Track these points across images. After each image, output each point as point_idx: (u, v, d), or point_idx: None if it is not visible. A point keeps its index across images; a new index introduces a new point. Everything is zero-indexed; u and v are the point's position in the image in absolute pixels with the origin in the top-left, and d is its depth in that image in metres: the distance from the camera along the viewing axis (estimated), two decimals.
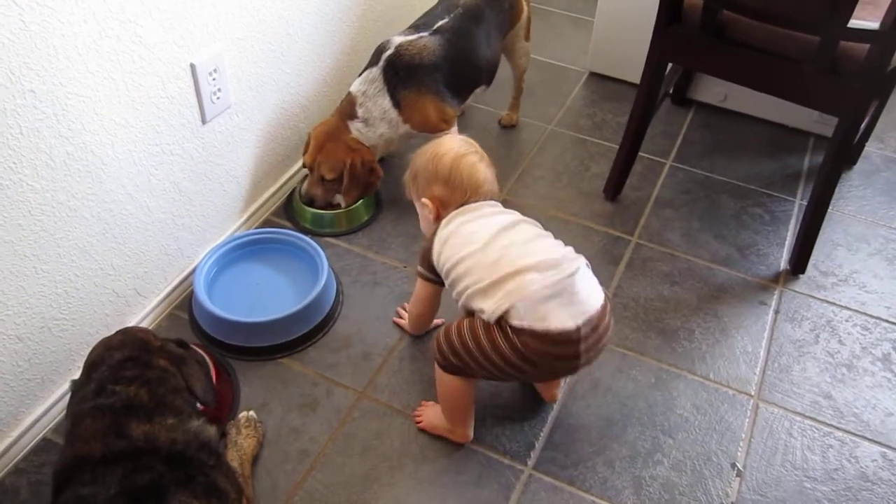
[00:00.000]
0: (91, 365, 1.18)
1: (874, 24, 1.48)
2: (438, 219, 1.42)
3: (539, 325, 1.23)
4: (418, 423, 1.50)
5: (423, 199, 1.43)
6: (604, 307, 1.29)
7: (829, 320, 1.75)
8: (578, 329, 1.24)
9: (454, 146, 1.43)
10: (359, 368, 1.60)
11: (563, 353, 1.25)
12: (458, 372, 1.35)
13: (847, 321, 1.75)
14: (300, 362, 1.61)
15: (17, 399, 1.39)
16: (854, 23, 1.47)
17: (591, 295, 1.28)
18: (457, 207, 1.41)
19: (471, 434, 1.47)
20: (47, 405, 1.45)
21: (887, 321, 1.75)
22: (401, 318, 1.68)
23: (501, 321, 1.26)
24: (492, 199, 1.44)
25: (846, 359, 1.66)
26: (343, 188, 1.86)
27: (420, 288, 1.50)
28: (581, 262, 1.32)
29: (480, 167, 1.42)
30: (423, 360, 1.62)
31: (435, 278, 1.43)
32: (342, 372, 1.59)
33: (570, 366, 1.30)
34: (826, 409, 1.57)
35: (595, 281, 1.33)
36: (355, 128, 1.83)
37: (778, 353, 1.67)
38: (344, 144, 1.82)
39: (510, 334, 1.25)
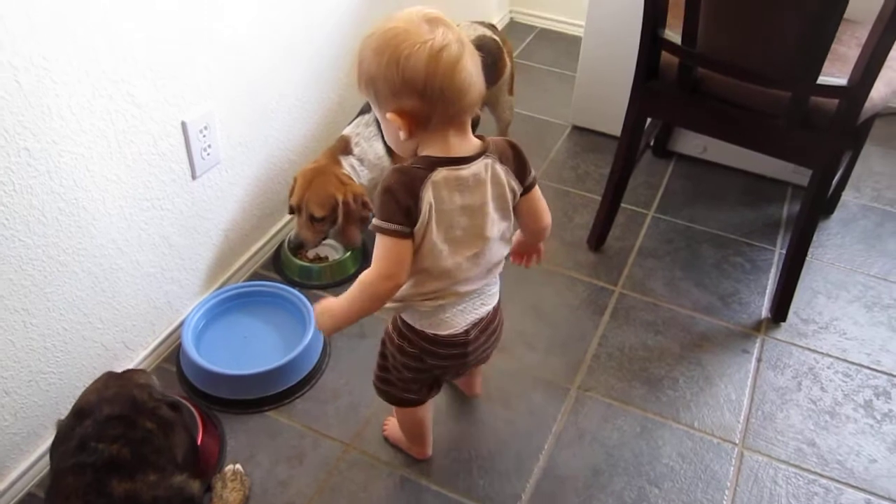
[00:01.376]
0: (79, 411, 1.17)
1: (842, 80, 1.53)
2: (413, 137, 1.10)
3: (429, 331, 1.24)
4: (384, 431, 1.57)
5: (389, 115, 1.08)
6: (495, 309, 1.30)
7: (810, 367, 1.77)
8: (467, 332, 1.25)
9: (420, 36, 1.02)
10: (346, 420, 1.60)
11: (452, 352, 1.27)
12: (389, 394, 1.39)
13: (829, 368, 1.77)
14: (287, 414, 1.61)
15: (2, 453, 1.39)
16: (823, 79, 1.52)
17: (485, 304, 1.26)
18: (443, 124, 1.08)
19: (429, 452, 1.53)
20: (32, 459, 1.44)
21: (868, 368, 1.77)
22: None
23: (396, 320, 1.28)
24: (480, 101, 1.11)
25: (829, 406, 1.68)
26: (339, 228, 1.81)
27: (395, 249, 1.11)
28: (497, 272, 1.26)
29: (463, 65, 1.04)
30: None
31: (410, 229, 1.10)
32: (329, 424, 1.60)
33: (461, 362, 1.30)
34: (810, 457, 1.58)
35: (497, 286, 1.29)
36: (349, 163, 1.82)
37: (761, 401, 1.69)
38: (335, 179, 1.77)
39: (403, 330, 1.27)
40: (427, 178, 1.08)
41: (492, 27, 2.12)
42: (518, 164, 1.17)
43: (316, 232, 1.82)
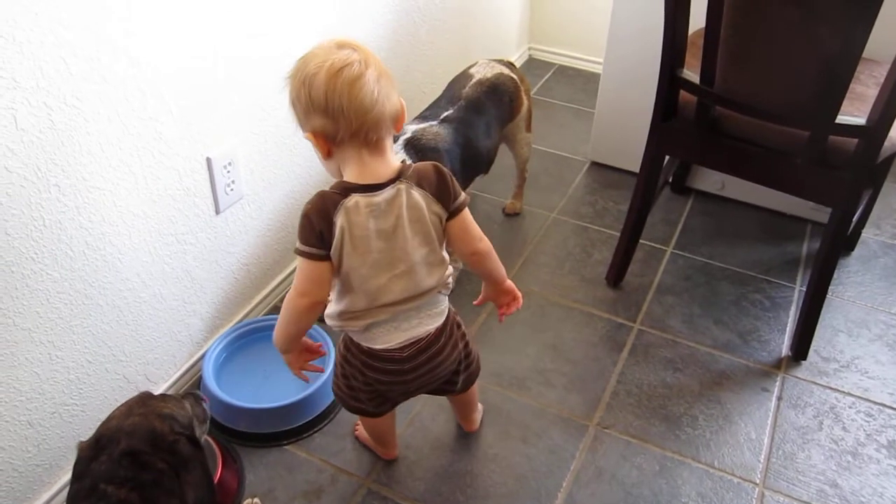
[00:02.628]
0: (98, 440, 1.17)
1: (861, 120, 1.54)
2: (331, 156, 1.17)
3: (365, 344, 1.28)
4: (355, 432, 1.64)
5: (306, 135, 1.16)
6: (437, 331, 1.30)
7: (832, 406, 1.75)
8: (402, 350, 1.28)
9: (326, 57, 1.10)
10: (363, 455, 1.61)
11: (389, 368, 1.30)
12: (342, 400, 1.43)
13: (850, 408, 1.75)
14: (306, 449, 1.62)
15: (25, 485, 1.40)
16: (842, 118, 1.53)
17: (422, 324, 1.28)
18: (352, 142, 1.14)
19: (394, 453, 1.59)
20: (53, 491, 1.45)
21: (891, 408, 1.75)
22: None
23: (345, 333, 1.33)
24: (390, 121, 1.15)
25: (851, 446, 1.66)
26: None
27: (309, 269, 1.19)
28: (433, 295, 1.27)
29: (364, 82, 1.10)
30: (427, 447, 1.63)
31: (325, 251, 1.17)
32: (347, 459, 1.60)
33: (401, 381, 1.32)
34: (832, 498, 1.56)
35: (439, 308, 1.31)
36: None
37: (782, 441, 1.67)
38: None
39: (347, 342, 1.33)
40: (340, 203, 1.14)
41: (510, 65, 2.14)
42: (441, 189, 1.20)
43: None
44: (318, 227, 1.15)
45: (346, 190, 1.15)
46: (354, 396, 1.39)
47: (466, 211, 1.25)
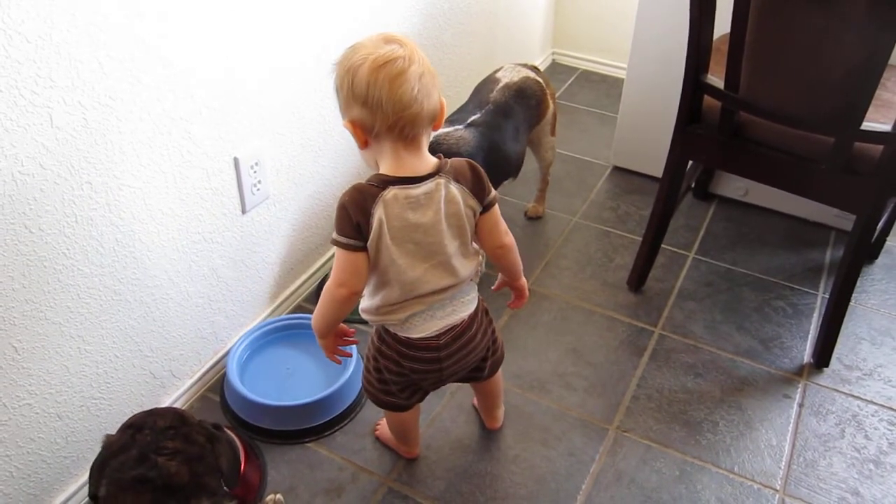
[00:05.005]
0: (132, 425, 1.19)
1: (887, 127, 1.53)
2: (367, 146, 1.19)
3: (402, 334, 1.30)
4: (375, 432, 1.65)
5: (344, 124, 1.18)
6: (470, 317, 1.33)
7: (854, 415, 1.74)
8: (439, 337, 1.30)
9: (373, 49, 1.12)
10: (384, 454, 1.62)
11: (425, 356, 1.32)
12: (372, 395, 1.44)
13: (873, 416, 1.74)
14: (327, 447, 1.63)
15: (53, 476, 1.43)
16: (867, 125, 1.53)
17: (456, 311, 1.31)
18: (388, 136, 1.15)
19: (416, 452, 1.61)
20: (80, 483, 1.48)
21: None
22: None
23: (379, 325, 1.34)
24: (428, 119, 1.17)
25: (873, 454, 1.65)
26: None
27: (346, 259, 1.20)
28: (466, 284, 1.31)
29: (406, 78, 1.11)
30: (448, 447, 1.64)
31: (362, 243, 1.19)
32: (368, 458, 1.61)
33: (436, 368, 1.34)
34: None
35: (470, 296, 1.34)
36: None
37: (803, 448, 1.66)
38: None
39: (382, 334, 1.35)
40: (379, 195, 1.17)
41: (535, 69, 2.15)
42: (476, 184, 1.24)
43: None
44: (355, 218, 1.17)
45: (384, 182, 1.17)
46: (386, 390, 1.40)
47: (497, 207, 1.29)
